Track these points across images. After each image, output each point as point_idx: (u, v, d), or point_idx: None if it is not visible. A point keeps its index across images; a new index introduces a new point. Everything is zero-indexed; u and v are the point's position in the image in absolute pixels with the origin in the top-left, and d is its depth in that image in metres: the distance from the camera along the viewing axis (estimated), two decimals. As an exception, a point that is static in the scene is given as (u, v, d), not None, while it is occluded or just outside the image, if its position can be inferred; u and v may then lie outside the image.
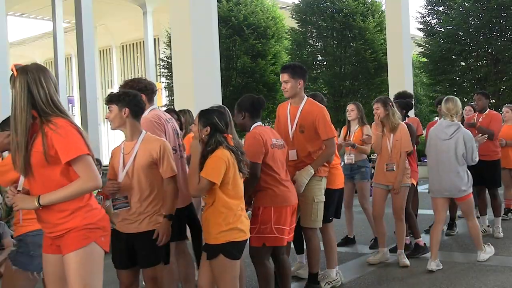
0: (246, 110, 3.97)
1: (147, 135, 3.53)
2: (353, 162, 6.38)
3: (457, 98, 5.47)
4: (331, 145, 4.44)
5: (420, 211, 7.20)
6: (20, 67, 2.59)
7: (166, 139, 3.80)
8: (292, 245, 4.77)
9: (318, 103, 4.59)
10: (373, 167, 6.31)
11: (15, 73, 2.56)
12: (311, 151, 4.46)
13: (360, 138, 6.30)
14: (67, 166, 2.52)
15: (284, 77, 4.52)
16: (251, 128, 3.96)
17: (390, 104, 5.48)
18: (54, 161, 2.50)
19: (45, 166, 2.52)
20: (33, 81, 2.54)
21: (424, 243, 5.98)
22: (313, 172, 4.36)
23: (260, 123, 4.02)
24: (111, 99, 3.53)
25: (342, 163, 6.17)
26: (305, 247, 4.83)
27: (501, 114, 7.47)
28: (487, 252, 5.60)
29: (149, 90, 4.01)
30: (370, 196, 6.40)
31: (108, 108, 3.55)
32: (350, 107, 6.54)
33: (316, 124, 4.40)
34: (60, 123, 2.51)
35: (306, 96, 4.59)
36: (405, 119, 6.09)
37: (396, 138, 5.42)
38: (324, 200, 4.55)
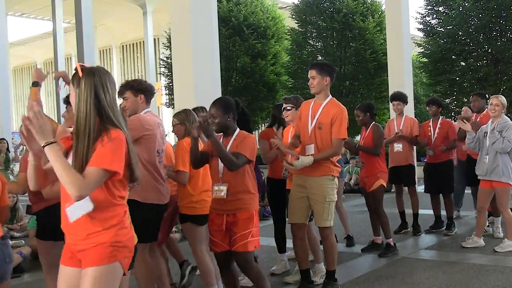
0: (233, 112, 3.95)
1: None
2: None
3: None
4: (337, 145, 4.51)
5: (420, 211, 7.21)
6: (87, 68, 2.49)
7: (153, 141, 3.89)
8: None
9: (340, 104, 4.64)
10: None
11: (81, 74, 2.46)
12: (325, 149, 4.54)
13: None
14: (111, 180, 2.42)
15: (312, 73, 4.58)
16: (237, 131, 3.93)
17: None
18: None
19: None
20: (100, 84, 2.44)
21: (395, 243, 6.04)
22: (311, 162, 4.39)
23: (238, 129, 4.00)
24: (68, 101, 3.52)
25: None
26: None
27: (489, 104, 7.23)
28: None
29: (148, 91, 4.11)
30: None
31: (66, 108, 3.56)
32: None
33: (333, 122, 4.48)
34: (114, 135, 2.39)
35: (330, 95, 4.65)
36: (373, 121, 6.25)
37: None
38: (336, 199, 4.63)
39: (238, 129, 3.95)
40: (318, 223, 4.57)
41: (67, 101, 3.60)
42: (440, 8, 17.94)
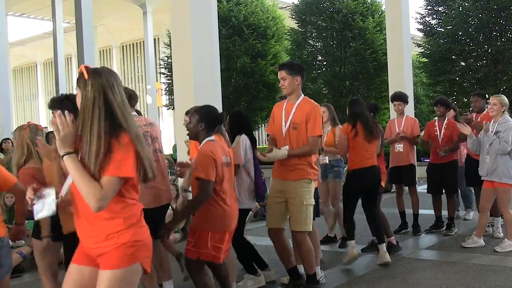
0: (206, 122, 3.91)
1: None
2: (327, 162, 6.40)
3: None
4: (313, 142, 4.45)
5: (420, 211, 7.20)
6: (92, 69, 2.44)
7: None
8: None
9: (313, 101, 4.60)
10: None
11: (86, 75, 2.40)
12: None
13: (333, 139, 6.32)
14: (124, 185, 2.40)
15: (281, 74, 4.54)
16: (204, 142, 3.89)
17: None
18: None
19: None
20: (107, 85, 2.39)
21: (397, 242, 6.05)
22: (286, 156, 4.38)
23: (213, 138, 3.93)
24: (53, 105, 3.38)
25: None
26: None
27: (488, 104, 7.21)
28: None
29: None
30: None
31: (52, 113, 3.35)
32: (322, 109, 6.55)
33: (307, 120, 4.43)
34: (124, 141, 2.34)
35: (303, 94, 4.62)
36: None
37: None
38: (314, 203, 4.56)
39: (205, 140, 3.89)
40: (294, 227, 4.49)
41: (51, 105, 3.45)
42: (440, 8, 17.96)
